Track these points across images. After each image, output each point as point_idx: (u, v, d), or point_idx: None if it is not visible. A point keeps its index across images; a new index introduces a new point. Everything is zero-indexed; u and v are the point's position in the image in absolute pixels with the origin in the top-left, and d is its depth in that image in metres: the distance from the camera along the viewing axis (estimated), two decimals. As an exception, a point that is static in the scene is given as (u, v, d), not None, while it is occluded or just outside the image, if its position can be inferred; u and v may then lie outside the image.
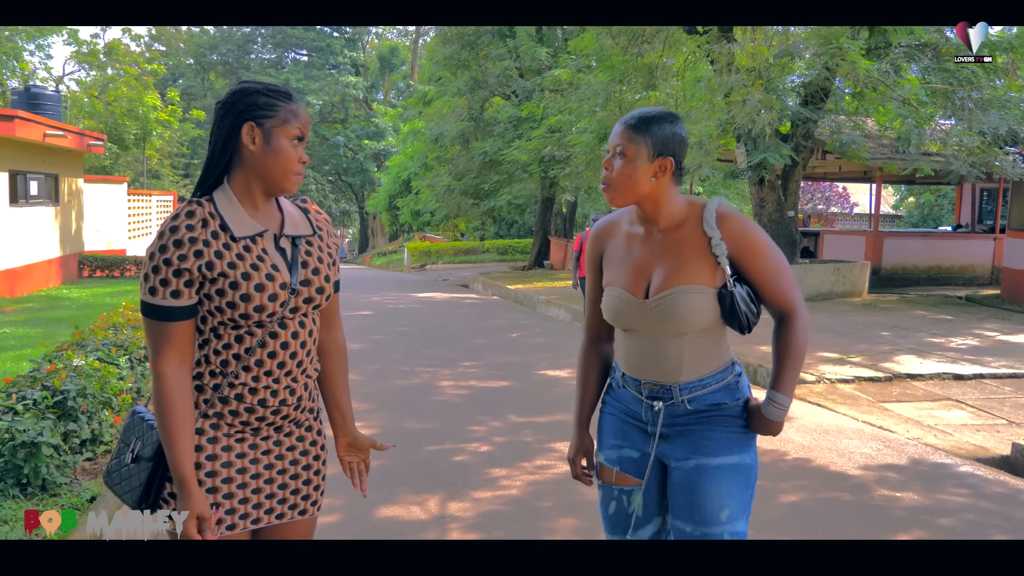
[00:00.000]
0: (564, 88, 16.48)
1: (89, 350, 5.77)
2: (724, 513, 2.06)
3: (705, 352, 2.09)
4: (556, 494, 4.41)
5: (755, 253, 2.05)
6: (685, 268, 2.04)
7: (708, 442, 2.09)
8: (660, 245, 2.09)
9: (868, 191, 24.34)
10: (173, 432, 1.80)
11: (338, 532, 3.82)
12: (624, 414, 2.20)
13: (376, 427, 5.75)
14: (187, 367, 1.85)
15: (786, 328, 2.10)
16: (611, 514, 2.22)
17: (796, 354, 2.08)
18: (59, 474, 4.11)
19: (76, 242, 17.19)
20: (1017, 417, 6.20)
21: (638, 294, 2.08)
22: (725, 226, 2.04)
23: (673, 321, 2.03)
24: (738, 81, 9.90)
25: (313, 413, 2.05)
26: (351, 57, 48.90)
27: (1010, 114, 10.26)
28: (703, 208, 2.08)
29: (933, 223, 31.76)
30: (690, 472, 2.09)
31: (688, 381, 2.09)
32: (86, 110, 24.91)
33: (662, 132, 2.02)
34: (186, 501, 1.80)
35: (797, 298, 2.09)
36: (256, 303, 1.83)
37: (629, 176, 2.03)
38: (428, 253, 28.38)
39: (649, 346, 2.09)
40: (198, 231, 1.81)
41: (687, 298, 2.02)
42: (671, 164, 2.03)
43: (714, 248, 2.03)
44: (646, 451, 2.16)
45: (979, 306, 12.81)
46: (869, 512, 4.21)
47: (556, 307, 13.00)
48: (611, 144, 2.08)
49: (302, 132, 1.88)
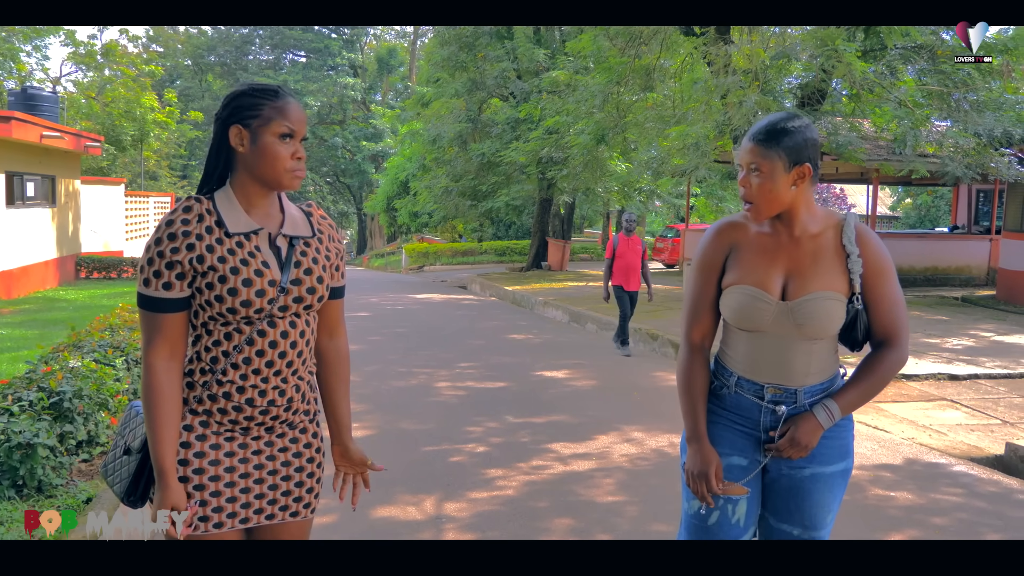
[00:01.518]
0: (562, 89, 16.51)
1: (85, 351, 5.77)
2: (830, 516, 2.13)
3: (827, 357, 2.12)
4: (552, 495, 4.42)
5: (884, 278, 2.08)
6: (824, 275, 2.05)
7: (824, 450, 2.11)
8: (797, 249, 2.09)
9: (865, 192, 24.37)
10: (157, 422, 1.83)
11: (334, 532, 3.82)
12: (733, 422, 2.16)
13: (373, 428, 5.76)
14: (178, 360, 1.88)
15: (884, 353, 2.10)
16: (711, 524, 2.15)
17: (878, 380, 2.10)
18: (55, 475, 4.11)
19: (73, 243, 17.17)
20: (1011, 417, 6.22)
21: (775, 295, 2.07)
22: (864, 245, 2.07)
23: (812, 325, 2.04)
24: (735, 83, 9.92)
25: (309, 415, 2.04)
26: (349, 58, 48.88)
27: (1005, 116, 10.28)
28: (842, 221, 2.10)
29: (930, 224, 31.83)
30: (805, 480, 2.11)
31: (811, 385, 2.10)
32: (83, 111, 24.90)
33: (793, 141, 2.01)
34: (162, 492, 1.83)
35: (905, 332, 2.11)
36: (243, 297, 1.84)
37: (769, 191, 2.03)
38: (426, 254, 28.39)
39: (778, 348, 2.09)
40: (193, 225, 1.85)
41: (829, 304, 2.04)
42: (809, 171, 2.03)
43: (851, 264, 2.06)
44: (756, 459, 2.15)
45: (975, 307, 12.84)
46: (864, 511, 4.23)
47: (554, 308, 13.01)
48: (743, 161, 2.07)
49: (290, 128, 1.87)
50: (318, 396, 2.10)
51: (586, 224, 39.89)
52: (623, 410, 6.35)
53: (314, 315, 2.01)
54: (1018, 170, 10.87)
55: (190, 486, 1.87)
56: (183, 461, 1.87)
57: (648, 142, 15.14)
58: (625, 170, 18.55)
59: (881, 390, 2.12)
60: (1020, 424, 6.03)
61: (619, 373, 7.91)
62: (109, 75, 28.48)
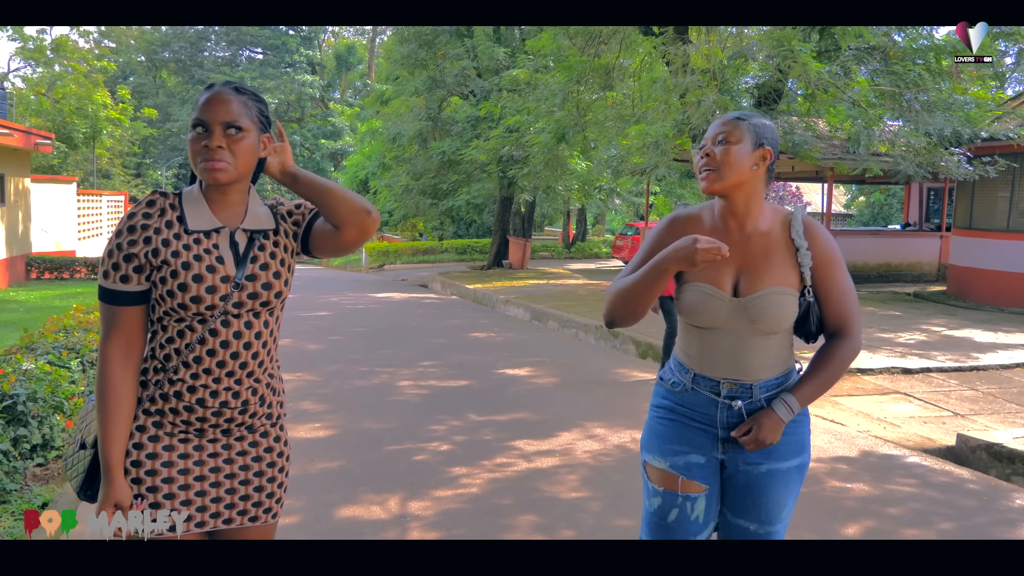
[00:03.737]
0: (522, 88, 16.52)
1: (39, 353, 5.65)
2: (785, 511, 2.16)
3: (782, 351, 2.14)
4: (516, 492, 4.44)
5: (834, 270, 2.11)
6: (776, 270, 2.08)
7: (780, 446, 2.13)
8: (748, 246, 2.11)
9: (820, 190, 24.80)
10: (107, 415, 1.81)
11: (298, 532, 3.79)
12: (691, 419, 2.17)
13: (335, 427, 5.72)
14: (134, 355, 1.86)
15: (837, 344, 2.14)
16: (670, 522, 2.15)
17: (833, 371, 2.13)
18: (9, 480, 4.02)
19: (23, 243, 16.77)
20: (962, 409, 6.39)
21: (728, 292, 2.09)
22: (812, 238, 2.10)
23: (766, 320, 2.06)
24: (693, 82, 10.03)
25: (271, 419, 2.01)
26: (307, 55, 48.43)
27: (955, 116, 10.53)
28: (789, 216, 2.13)
29: (883, 222, 32.48)
30: (762, 476, 2.13)
31: (766, 380, 2.12)
32: (33, 108, 24.35)
33: (761, 124, 2.10)
34: (107, 488, 1.81)
35: (857, 322, 2.14)
36: (193, 293, 1.83)
37: (735, 158, 2.06)
38: (386, 253, 28.20)
39: (733, 344, 2.10)
40: (153, 219, 1.85)
41: (781, 299, 2.06)
42: (770, 155, 2.09)
43: (800, 257, 2.09)
44: (713, 456, 2.16)
45: (927, 302, 13.15)
46: (821, 503, 4.31)
47: (515, 306, 13.03)
48: (710, 136, 2.10)
49: (197, 118, 1.82)
50: (283, 400, 2.07)
51: (547, 222, 40.02)
52: (585, 407, 6.39)
53: (275, 317, 1.97)
54: (967, 169, 11.14)
55: (143, 487, 1.84)
56: (135, 462, 1.85)
57: (608, 141, 15.24)
58: (585, 168, 18.65)
59: (837, 380, 2.16)
60: (971, 416, 6.20)
61: (581, 370, 7.95)
62: (60, 71, 27.87)
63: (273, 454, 2.00)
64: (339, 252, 2.03)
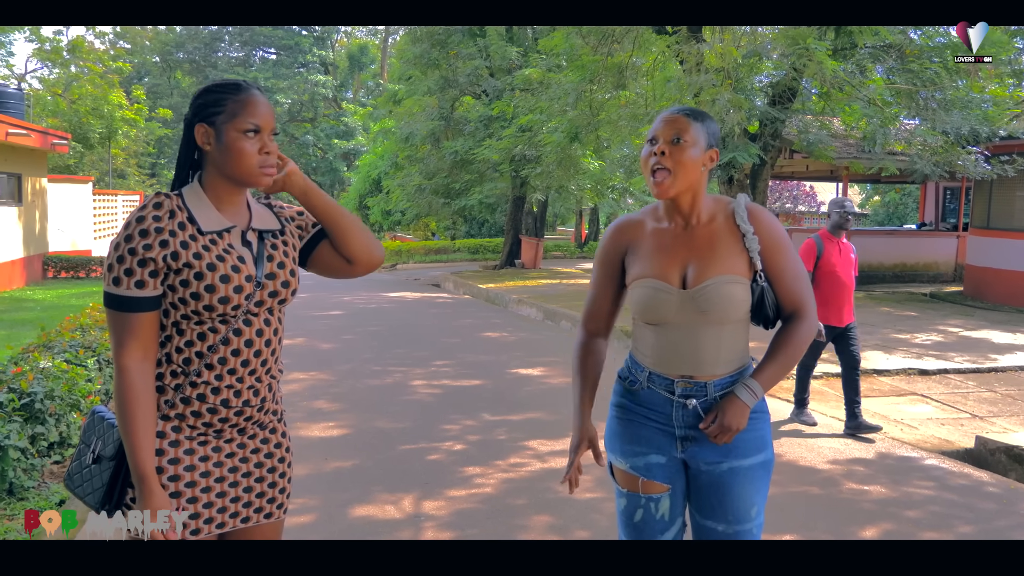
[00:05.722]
0: (534, 87, 16.48)
1: (56, 352, 5.68)
2: (754, 510, 2.13)
3: (735, 346, 2.13)
4: (530, 492, 4.43)
5: (782, 251, 2.11)
6: (723, 259, 2.08)
7: (739, 443, 2.11)
8: (693, 238, 2.11)
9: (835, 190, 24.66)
10: (134, 427, 1.77)
11: (312, 532, 3.80)
12: (649, 419, 2.17)
13: (348, 427, 5.73)
14: (151, 361, 1.83)
15: (792, 325, 2.14)
16: (636, 522, 2.17)
17: (791, 352, 2.12)
18: (27, 477, 4.05)
19: (40, 243, 16.89)
20: (980, 411, 6.33)
21: (676, 285, 2.09)
22: (757, 222, 2.10)
23: (715, 310, 2.05)
24: (707, 81, 9.98)
25: (277, 415, 2.03)
26: (320, 56, 48.54)
27: (972, 114, 10.42)
28: (732, 204, 2.13)
29: (898, 221, 32.26)
30: (723, 475, 2.11)
31: (721, 377, 2.11)
32: (49, 108, 24.49)
33: (713, 125, 2.12)
34: (147, 499, 1.77)
35: (810, 301, 2.14)
36: (221, 294, 1.82)
37: (690, 161, 2.06)
38: (399, 252, 28.22)
39: (684, 339, 2.10)
40: (165, 221, 1.82)
41: (729, 287, 2.06)
42: (716, 156, 2.11)
43: (748, 243, 2.08)
44: (673, 455, 2.15)
45: (943, 303, 13.05)
46: (838, 506, 4.28)
47: (528, 306, 13.02)
48: (662, 132, 2.07)
49: (255, 124, 1.83)
50: (283, 395, 2.09)
51: (559, 222, 39.97)
52: (598, 407, 6.36)
53: (283, 312, 2.00)
54: (984, 168, 11.04)
55: (167, 493, 1.83)
56: (158, 469, 1.82)
57: (621, 140, 15.18)
58: (598, 168, 18.59)
59: (796, 362, 2.15)
60: (989, 418, 6.14)
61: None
62: (76, 72, 28.06)
63: (282, 449, 2.03)
64: (339, 278, 2.07)
